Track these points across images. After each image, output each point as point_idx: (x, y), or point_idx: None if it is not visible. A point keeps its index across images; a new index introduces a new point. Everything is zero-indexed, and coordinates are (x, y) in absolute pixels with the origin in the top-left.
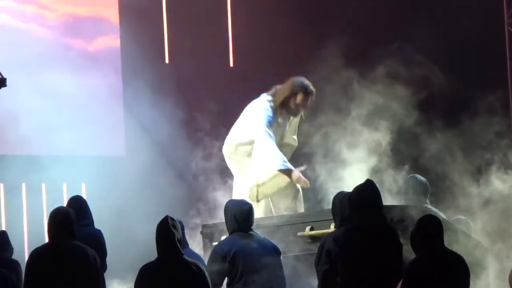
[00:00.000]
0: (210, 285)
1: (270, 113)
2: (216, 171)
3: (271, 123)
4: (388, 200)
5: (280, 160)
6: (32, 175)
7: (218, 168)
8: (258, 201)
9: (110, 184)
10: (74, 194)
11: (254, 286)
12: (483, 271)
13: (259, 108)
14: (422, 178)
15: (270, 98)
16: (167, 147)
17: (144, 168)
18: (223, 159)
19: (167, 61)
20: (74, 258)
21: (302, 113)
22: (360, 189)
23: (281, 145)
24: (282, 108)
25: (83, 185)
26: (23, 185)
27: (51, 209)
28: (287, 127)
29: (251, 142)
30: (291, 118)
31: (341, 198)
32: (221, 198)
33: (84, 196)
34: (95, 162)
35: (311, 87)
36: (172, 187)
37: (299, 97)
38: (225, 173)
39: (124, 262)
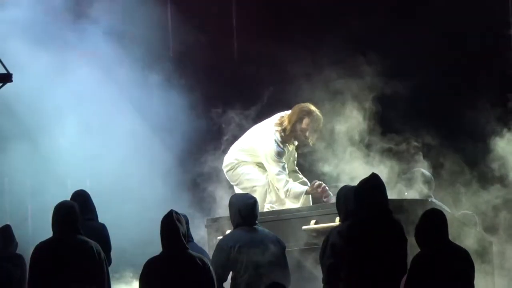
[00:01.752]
0: (215, 279)
1: (280, 144)
2: (222, 165)
3: (281, 154)
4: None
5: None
6: (37, 169)
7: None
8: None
9: (115, 179)
10: (78, 189)
11: (259, 280)
12: (488, 264)
13: (270, 141)
14: (427, 172)
15: (278, 128)
16: (172, 142)
17: (150, 163)
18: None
19: (171, 54)
20: (78, 252)
21: (310, 140)
22: (364, 183)
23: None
24: (290, 134)
25: (88, 180)
26: (28, 179)
27: (56, 203)
28: (294, 153)
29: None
30: (296, 143)
31: (346, 192)
32: (227, 191)
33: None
34: (100, 157)
35: (317, 113)
36: (179, 182)
37: (305, 122)
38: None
39: (129, 256)
